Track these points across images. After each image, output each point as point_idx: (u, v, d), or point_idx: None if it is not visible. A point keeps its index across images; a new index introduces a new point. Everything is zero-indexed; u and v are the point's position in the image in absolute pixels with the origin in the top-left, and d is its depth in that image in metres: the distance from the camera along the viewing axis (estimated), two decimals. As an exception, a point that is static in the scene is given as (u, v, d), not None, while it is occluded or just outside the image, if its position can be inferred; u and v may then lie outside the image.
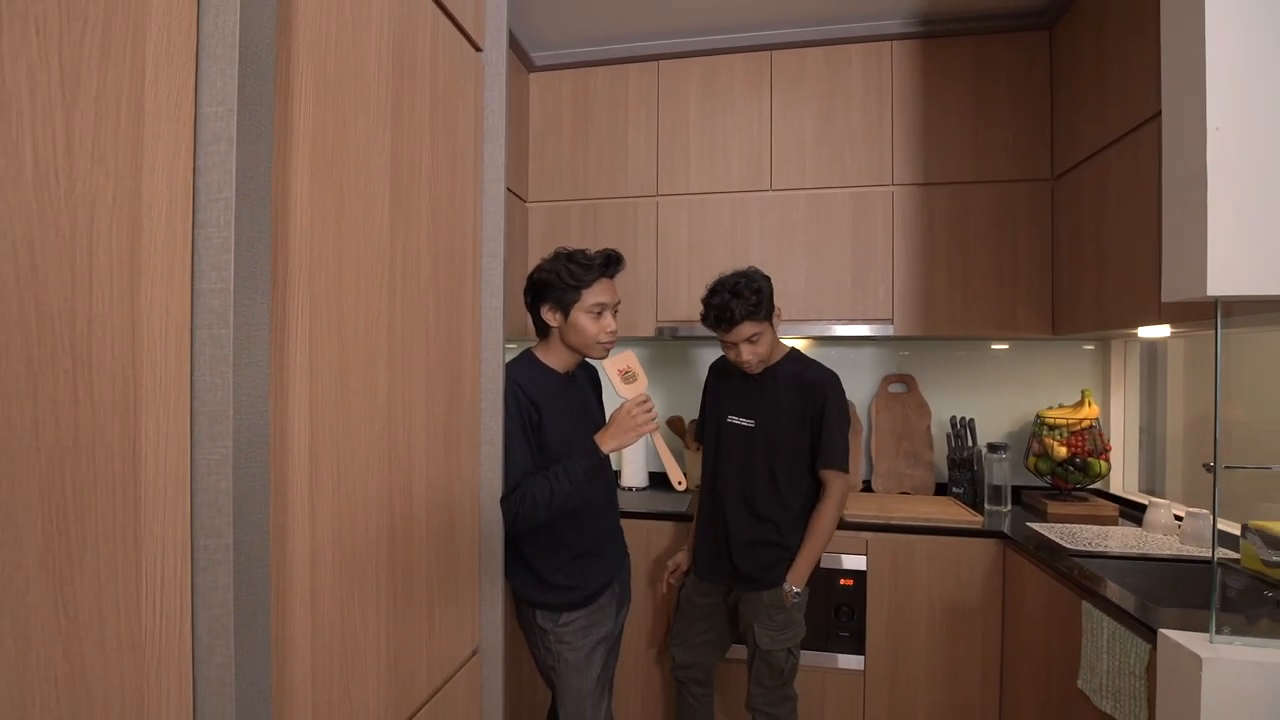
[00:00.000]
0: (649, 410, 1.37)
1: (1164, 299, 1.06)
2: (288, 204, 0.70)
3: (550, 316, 1.46)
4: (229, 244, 0.59)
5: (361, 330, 0.84)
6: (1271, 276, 0.95)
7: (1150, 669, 1.19)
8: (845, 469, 1.66)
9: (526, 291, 1.50)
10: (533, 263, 2.44)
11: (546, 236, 2.46)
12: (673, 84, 2.39)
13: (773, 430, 1.68)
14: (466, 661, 1.16)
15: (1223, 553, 1.64)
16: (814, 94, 2.29)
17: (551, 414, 1.43)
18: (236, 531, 0.59)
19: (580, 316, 1.42)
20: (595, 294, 1.42)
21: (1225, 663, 0.96)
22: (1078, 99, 2.00)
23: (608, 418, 1.43)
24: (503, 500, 1.27)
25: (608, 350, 1.46)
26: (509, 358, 1.35)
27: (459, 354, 1.13)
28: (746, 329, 1.59)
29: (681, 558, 1.86)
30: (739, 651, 1.88)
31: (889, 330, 2.23)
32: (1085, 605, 1.44)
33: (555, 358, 1.50)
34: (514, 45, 2.27)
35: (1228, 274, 0.96)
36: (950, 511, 2.12)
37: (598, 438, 1.37)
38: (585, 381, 1.60)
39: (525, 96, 2.46)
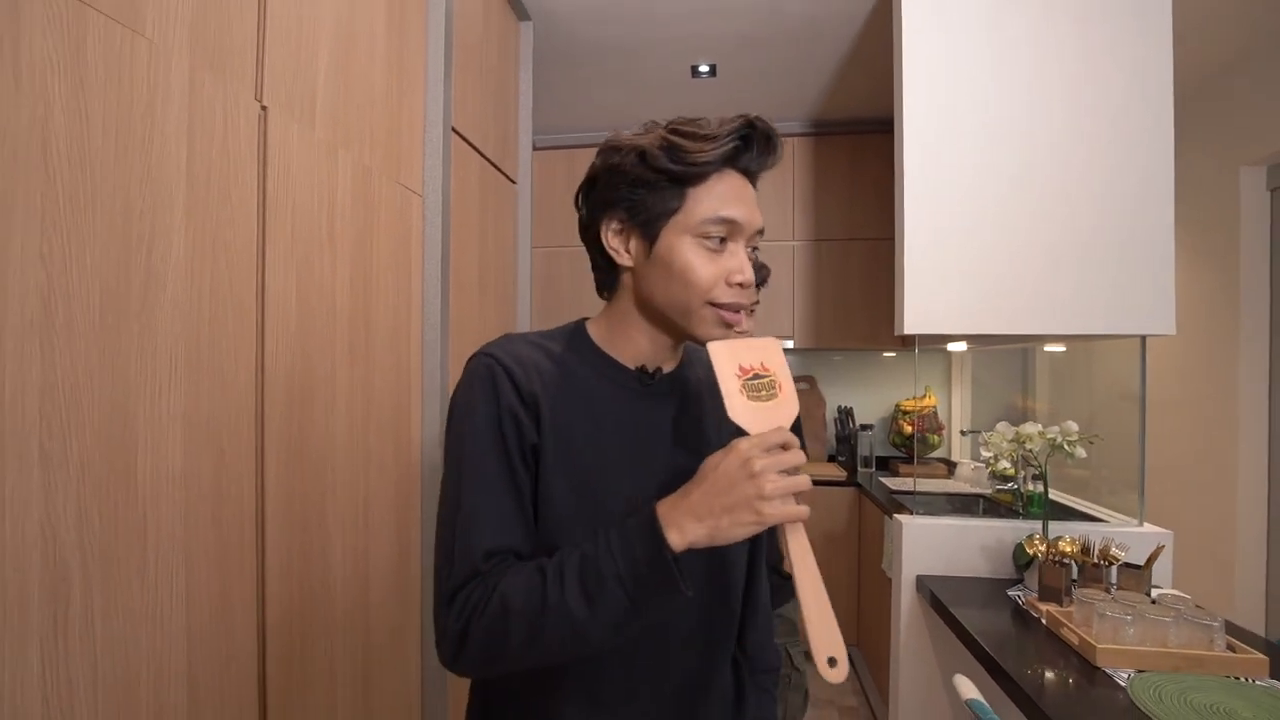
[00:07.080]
0: (788, 464, 0.58)
1: (895, 332, 1.94)
2: (448, 289, 1.55)
3: (617, 245, 0.69)
4: (436, 306, 1.44)
5: (469, 346, 1.69)
6: (931, 323, 1.83)
7: (904, 543, 2.07)
8: None
9: (578, 198, 0.73)
10: (532, 295, 3.34)
11: (544, 275, 3.31)
12: (638, 162, 3.25)
13: None
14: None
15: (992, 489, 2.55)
16: (739, 173, 3.18)
17: (575, 430, 0.67)
18: (441, 432, 1.44)
19: (680, 243, 0.65)
20: (714, 198, 0.65)
21: (915, 525, 1.84)
22: (914, 186, 2.91)
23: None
24: (445, 603, 0.61)
25: (731, 325, 0.67)
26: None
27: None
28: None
29: None
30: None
31: (790, 344, 3.12)
32: (885, 518, 2.32)
33: (619, 336, 0.71)
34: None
35: (914, 320, 1.84)
36: (828, 471, 3.00)
37: (665, 510, 0.58)
38: (690, 395, 0.74)
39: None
